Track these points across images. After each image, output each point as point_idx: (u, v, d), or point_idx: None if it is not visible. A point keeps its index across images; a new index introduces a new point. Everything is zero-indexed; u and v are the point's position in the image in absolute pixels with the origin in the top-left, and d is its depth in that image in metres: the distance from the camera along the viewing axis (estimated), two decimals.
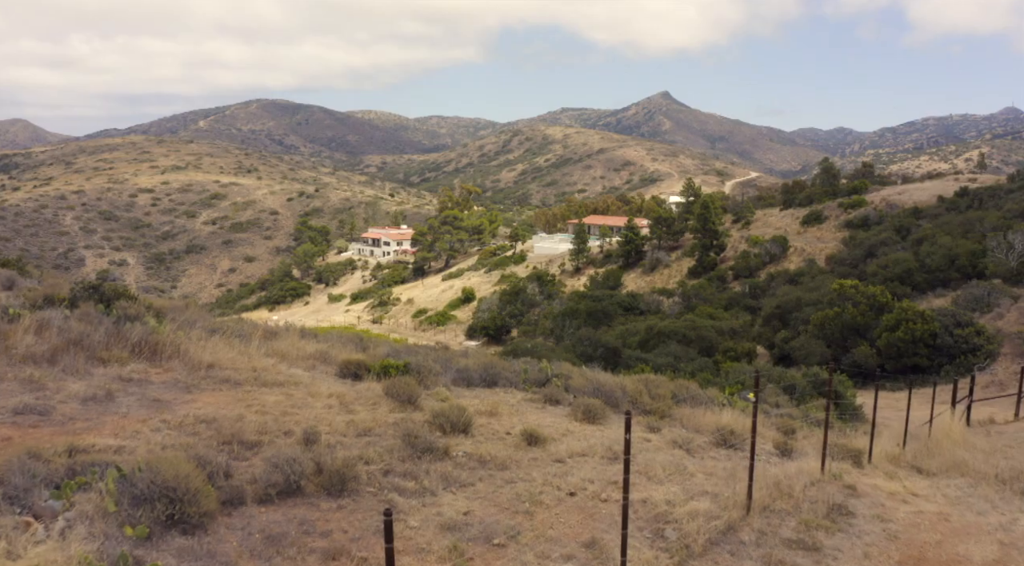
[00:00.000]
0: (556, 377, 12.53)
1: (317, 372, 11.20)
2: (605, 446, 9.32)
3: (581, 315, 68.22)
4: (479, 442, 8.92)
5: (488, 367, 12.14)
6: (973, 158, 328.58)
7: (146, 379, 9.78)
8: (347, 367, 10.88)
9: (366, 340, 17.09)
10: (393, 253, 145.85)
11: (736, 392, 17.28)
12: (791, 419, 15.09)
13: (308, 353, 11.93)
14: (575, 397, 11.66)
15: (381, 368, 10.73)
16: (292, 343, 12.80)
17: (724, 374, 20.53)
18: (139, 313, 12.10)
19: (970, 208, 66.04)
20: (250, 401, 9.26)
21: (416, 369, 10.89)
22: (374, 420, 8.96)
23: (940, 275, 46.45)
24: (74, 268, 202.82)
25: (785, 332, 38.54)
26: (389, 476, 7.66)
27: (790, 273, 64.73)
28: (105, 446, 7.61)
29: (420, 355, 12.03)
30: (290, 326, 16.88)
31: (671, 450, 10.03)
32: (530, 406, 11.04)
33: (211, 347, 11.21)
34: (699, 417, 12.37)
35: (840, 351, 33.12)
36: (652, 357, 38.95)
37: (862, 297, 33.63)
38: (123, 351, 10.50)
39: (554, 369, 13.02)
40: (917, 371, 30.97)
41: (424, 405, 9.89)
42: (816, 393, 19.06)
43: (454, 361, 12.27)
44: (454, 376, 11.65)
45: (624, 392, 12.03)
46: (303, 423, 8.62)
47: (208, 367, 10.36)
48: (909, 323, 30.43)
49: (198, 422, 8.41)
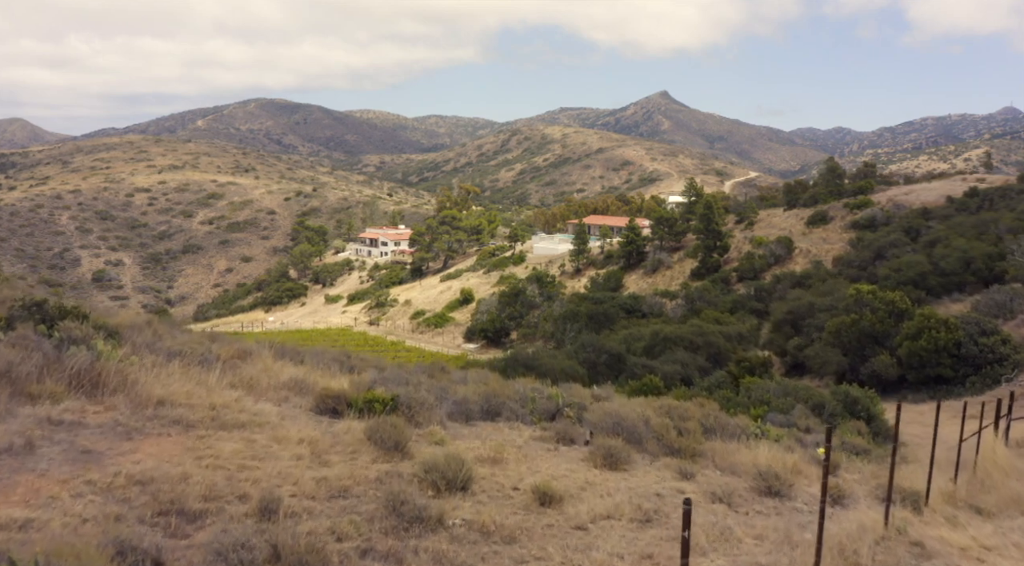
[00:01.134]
0: (568, 407, 10.91)
1: (289, 407, 9.55)
2: (634, 504, 7.68)
3: (582, 318, 66.63)
4: (481, 503, 7.28)
5: (489, 397, 10.53)
6: (972, 158, 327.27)
7: (80, 421, 8.13)
8: (324, 401, 9.25)
9: (354, 357, 15.45)
10: (391, 253, 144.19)
11: (762, 415, 15.66)
12: None
13: (281, 381, 10.29)
14: (591, 433, 10.04)
15: (365, 403, 9.11)
16: (264, 368, 11.15)
17: (745, 392, 18.94)
18: (87, 335, 10.45)
19: (981, 209, 64.47)
20: (202, 450, 7.62)
21: (406, 403, 9.26)
22: (352, 476, 7.32)
23: (955, 279, 44.86)
24: (70, 268, 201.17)
25: (798, 339, 36.91)
26: (367, 558, 6.02)
27: (796, 275, 63.13)
28: (8, 520, 5.99)
29: (411, 384, 10.41)
30: (271, 342, 15.22)
31: (710, 505, 8.39)
32: (540, 447, 9.40)
33: (166, 377, 9.56)
34: (733, 454, 10.74)
35: (857, 360, 31.52)
36: (659, 365, 37.36)
37: (880, 303, 32.01)
38: (59, 384, 8.85)
39: (565, 397, 11.38)
40: (941, 382, 29.37)
41: (415, 452, 8.25)
42: (847, 413, 17.46)
43: (451, 390, 10.65)
44: (451, 408, 10.03)
45: (647, 425, 10.40)
46: (263, 482, 6.98)
47: (158, 404, 8.71)
48: (932, 331, 28.83)
49: (132, 483, 6.77)
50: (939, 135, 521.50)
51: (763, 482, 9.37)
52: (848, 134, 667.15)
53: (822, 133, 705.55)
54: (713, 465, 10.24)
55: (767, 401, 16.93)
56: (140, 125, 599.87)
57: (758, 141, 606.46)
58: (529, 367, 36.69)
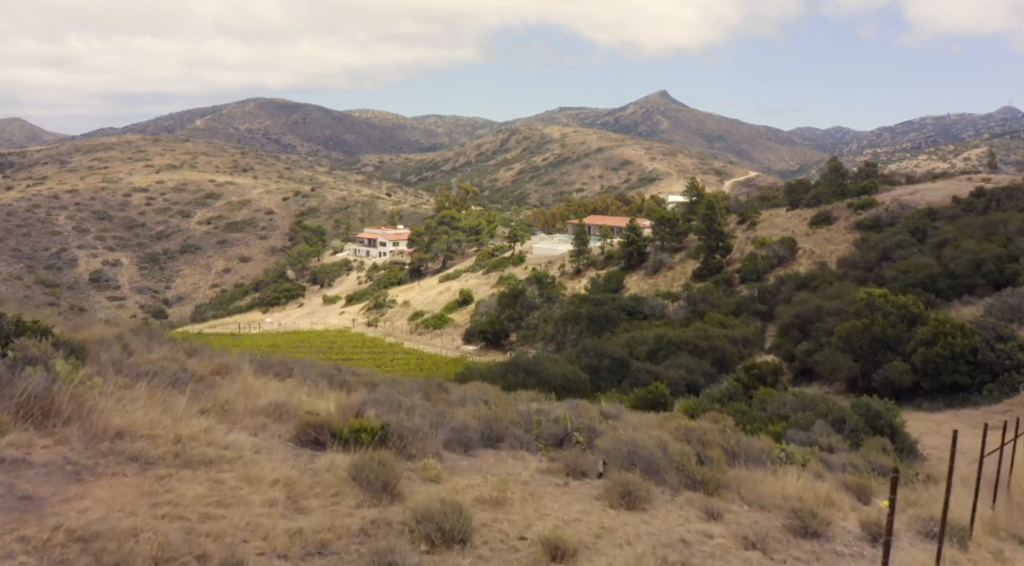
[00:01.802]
0: (577, 431, 9.90)
1: (267, 436, 8.52)
2: (659, 557, 6.66)
3: (583, 320, 65.63)
4: (483, 560, 6.26)
5: (490, 421, 9.51)
6: (972, 157, 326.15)
7: (24, 458, 7.11)
8: (306, 431, 8.23)
9: (344, 371, 14.43)
10: (389, 254, 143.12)
11: (781, 432, 14.65)
12: (856, 472, 12.47)
13: (260, 404, 9.26)
14: (604, 464, 9.03)
15: (351, 432, 8.09)
16: (243, 387, 10.11)
17: (759, 404, 17.93)
18: (45, 354, 9.43)
19: (988, 209, 63.48)
20: (160, 495, 6.60)
21: (397, 432, 8.25)
22: (332, 527, 6.29)
23: (965, 281, 43.86)
24: (67, 268, 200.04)
25: (807, 344, 35.88)
26: None
27: (801, 277, 62.12)
28: None
29: (404, 408, 9.38)
30: (256, 355, 14.20)
31: (742, 551, 7.38)
32: (548, 482, 8.38)
33: (129, 402, 8.54)
34: (759, 484, 9.74)
35: (869, 366, 30.51)
36: (663, 370, 36.38)
37: (892, 307, 31.01)
38: (4, 413, 7.83)
39: (573, 419, 10.36)
40: (957, 390, 28.37)
41: (406, 492, 7.22)
42: (869, 427, 16.46)
43: (448, 414, 9.63)
44: (448, 435, 9.02)
45: (665, 452, 9.38)
46: (228, 536, 5.96)
47: (116, 436, 7.68)
48: (948, 337, 27.83)
49: (72, 540, 5.75)
50: (938, 135, 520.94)
51: (797, 520, 8.36)
52: (847, 134, 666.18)
53: (821, 133, 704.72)
54: (739, 498, 9.23)
55: (785, 416, 15.93)
56: (139, 125, 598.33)
57: (757, 141, 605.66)
58: (530, 373, 35.70)
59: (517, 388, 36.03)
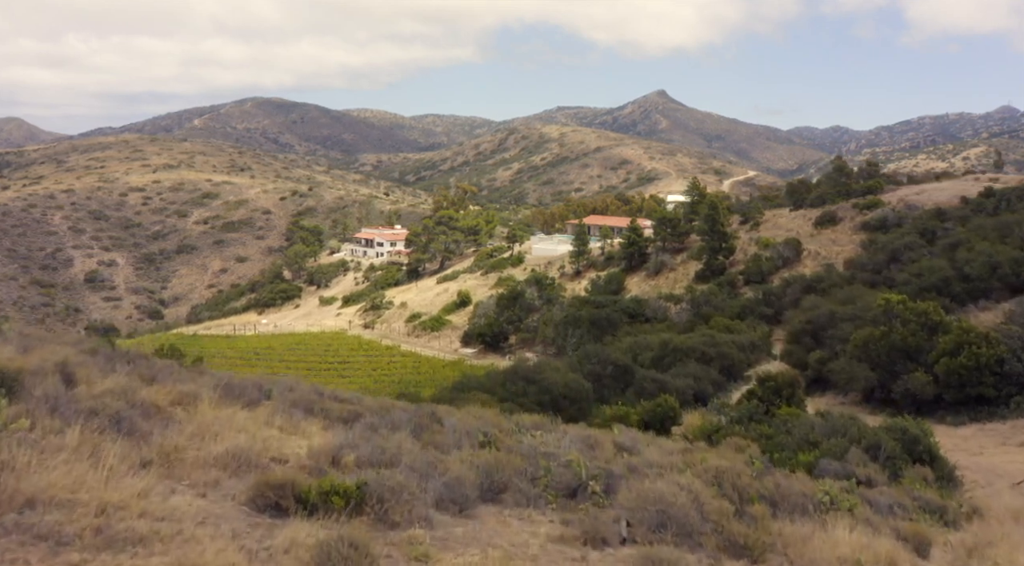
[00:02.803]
0: (593, 479, 8.38)
1: (218, 496, 6.99)
2: None
3: (584, 323, 64.16)
4: None
5: (491, 470, 8.00)
6: (971, 157, 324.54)
7: None
8: (264, 492, 6.71)
9: (326, 397, 12.88)
10: (387, 254, 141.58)
11: (814, 462, 13.15)
12: (906, 514, 10.96)
13: (215, 452, 7.73)
14: (628, 525, 7.53)
15: (319, 495, 6.58)
16: (200, 426, 8.57)
17: (783, 426, 16.40)
18: None
19: (998, 210, 62.01)
20: None
21: (377, 493, 6.74)
22: None
23: (980, 285, 42.33)
24: (62, 269, 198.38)
25: (820, 352, 34.37)
26: None
27: (807, 279, 60.63)
28: None
29: (387, 456, 7.83)
30: (224, 379, 12.66)
31: None
32: (562, 556, 6.85)
33: (52, 454, 7.01)
34: (808, 542, 8.24)
35: (888, 377, 29.03)
36: (670, 379, 34.88)
37: (911, 314, 29.50)
38: None
39: (587, 465, 8.82)
40: (982, 402, 26.88)
41: None
42: (906, 454, 14.96)
43: (440, 464, 8.08)
44: (440, 490, 7.49)
45: (699, 508, 7.88)
46: None
47: (25, 505, 6.16)
48: (972, 346, 26.34)
49: None
50: (936, 134, 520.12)
51: None
52: (846, 133, 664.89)
53: (820, 132, 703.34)
54: (788, 563, 7.73)
55: (814, 442, 14.43)
56: (137, 124, 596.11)
57: (756, 140, 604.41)
58: (531, 381, 34.24)
59: (518, 397, 34.64)
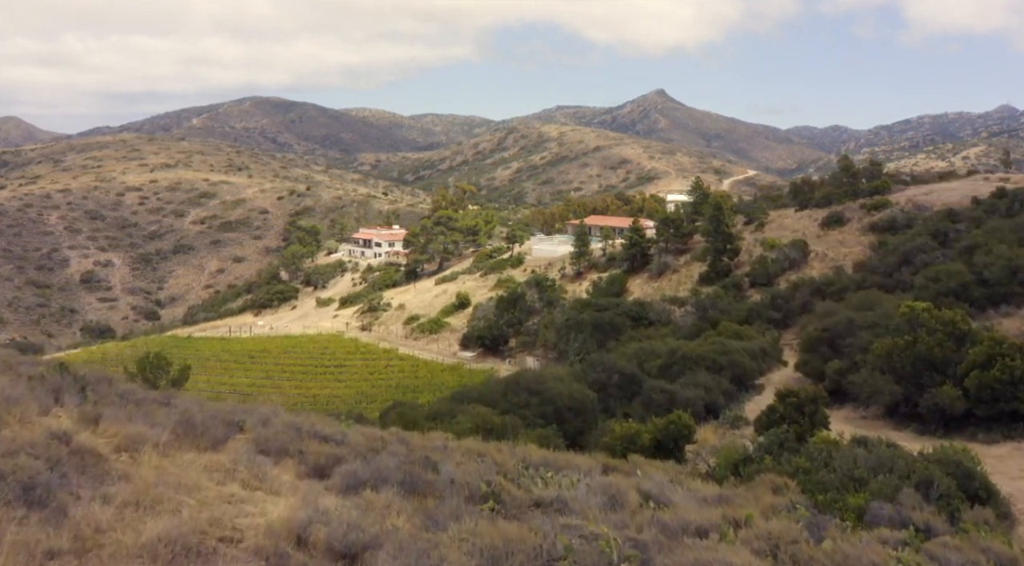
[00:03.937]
0: (626, 561, 6.68)
1: None
2: None
3: (586, 327, 62.47)
4: None
5: (497, 559, 6.24)
6: (971, 156, 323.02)
7: None
8: None
9: (305, 434, 11.19)
10: (385, 255, 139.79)
11: (864, 505, 11.46)
12: None
13: (149, 533, 6.03)
14: None
15: None
16: (144, 484, 6.87)
17: (822, 458, 14.63)
18: None
19: (1011, 211, 60.36)
20: None
21: None
22: None
23: (1000, 290, 40.66)
24: (58, 269, 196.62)
25: (838, 362, 32.66)
26: None
27: (816, 282, 58.88)
28: None
29: (366, 553, 6.13)
30: (186, 413, 10.97)
31: None
32: None
33: None
34: None
35: (913, 390, 27.35)
36: (679, 389, 33.23)
37: (937, 323, 27.81)
38: None
39: (617, 541, 7.10)
40: (1017, 418, 25.20)
41: None
42: (960, 490, 13.29)
43: (434, 552, 6.31)
44: None
45: None
46: None
47: None
48: (1006, 358, 24.67)
49: None
50: (935, 133, 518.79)
51: None
52: (845, 133, 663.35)
53: (819, 131, 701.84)
54: None
55: (860, 479, 12.74)
56: (135, 124, 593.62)
57: (755, 139, 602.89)
58: (533, 392, 32.59)
59: (520, 409, 32.97)
